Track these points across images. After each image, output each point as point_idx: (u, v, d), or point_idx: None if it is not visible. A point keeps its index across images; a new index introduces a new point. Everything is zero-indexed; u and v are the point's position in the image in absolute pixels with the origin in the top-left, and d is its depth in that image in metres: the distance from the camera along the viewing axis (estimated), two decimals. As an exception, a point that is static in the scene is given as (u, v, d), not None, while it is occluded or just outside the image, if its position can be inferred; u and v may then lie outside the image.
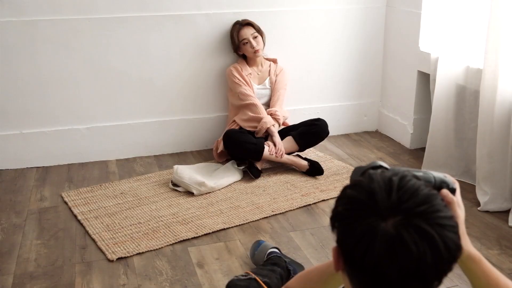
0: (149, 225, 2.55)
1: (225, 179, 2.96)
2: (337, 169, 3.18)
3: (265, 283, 1.91)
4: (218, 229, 2.51)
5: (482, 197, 2.69)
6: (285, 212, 2.69)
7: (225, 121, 3.44)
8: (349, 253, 0.82)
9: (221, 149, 3.15)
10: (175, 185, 2.91)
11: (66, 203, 2.78)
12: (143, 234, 2.47)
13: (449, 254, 0.80)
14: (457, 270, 1.06)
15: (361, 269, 0.81)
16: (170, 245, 2.40)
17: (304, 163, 3.10)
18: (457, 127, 2.99)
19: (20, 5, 2.97)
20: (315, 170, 3.07)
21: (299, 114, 3.54)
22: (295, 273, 2.02)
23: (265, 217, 2.63)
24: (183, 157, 3.39)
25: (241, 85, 3.19)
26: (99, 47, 3.15)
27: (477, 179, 2.75)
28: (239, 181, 3.01)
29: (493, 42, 2.54)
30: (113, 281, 2.14)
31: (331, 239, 2.31)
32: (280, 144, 3.08)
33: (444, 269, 0.81)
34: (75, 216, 2.64)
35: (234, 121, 3.24)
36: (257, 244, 2.27)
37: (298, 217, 2.65)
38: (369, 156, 3.41)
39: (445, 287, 2.02)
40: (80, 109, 3.23)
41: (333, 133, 3.61)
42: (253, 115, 3.13)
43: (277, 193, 2.87)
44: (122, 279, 2.16)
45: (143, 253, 2.34)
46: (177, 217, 2.62)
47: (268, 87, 3.31)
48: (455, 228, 0.82)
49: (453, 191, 1.02)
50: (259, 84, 3.30)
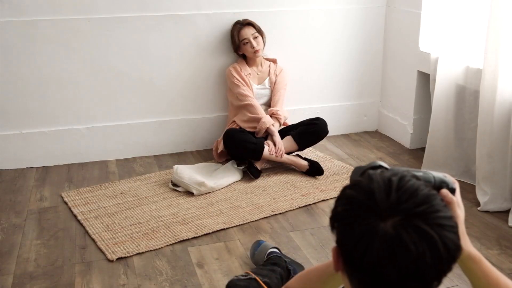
0: (149, 225, 2.55)
1: (225, 179, 2.96)
2: (337, 169, 3.18)
3: (265, 283, 1.91)
4: (218, 229, 2.51)
5: (482, 197, 2.69)
6: (285, 212, 2.69)
7: (225, 121, 3.44)
8: (349, 253, 0.82)
9: (221, 149, 3.15)
10: (175, 185, 2.91)
11: (66, 203, 2.78)
12: (143, 234, 2.48)
13: (448, 254, 0.80)
14: (457, 270, 1.06)
15: (360, 269, 0.81)
16: (170, 245, 2.40)
17: (304, 163, 3.10)
18: (457, 127, 2.99)
19: (20, 5, 2.97)
20: (315, 170, 3.07)
21: (299, 114, 3.53)
22: (295, 273, 2.02)
23: (265, 217, 2.63)
24: (183, 157, 3.39)
25: (239, 85, 3.19)
26: (99, 47, 3.15)
27: (477, 179, 2.75)
28: (239, 181, 3.01)
29: (493, 42, 2.54)
30: (113, 281, 2.14)
31: (331, 239, 2.31)
32: (280, 143, 3.08)
33: (443, 269, 0.81)
34: (75, 216, 2.64)
35: (234, 121, 3.24)
36: (257, 244, 2.27)
37: (298, 217, 2.65)
38: (369, 156, 3.41)
39: (445, 287, 2.02)
40: (80, 109, 3.23)
41: (333, 133, 3.61)
42: (252, 115, 3.13)
43: (277, 193, 2.87)
44: (122, 279, 2.16)
45: (143, 253, 2.34)
46: (177, 217, 2.62)
47: (267, 87, 3.31)
48: (454, 228, 0.82)
49: (452, 191, 1.02)
50: (259, 84, 3.30)
